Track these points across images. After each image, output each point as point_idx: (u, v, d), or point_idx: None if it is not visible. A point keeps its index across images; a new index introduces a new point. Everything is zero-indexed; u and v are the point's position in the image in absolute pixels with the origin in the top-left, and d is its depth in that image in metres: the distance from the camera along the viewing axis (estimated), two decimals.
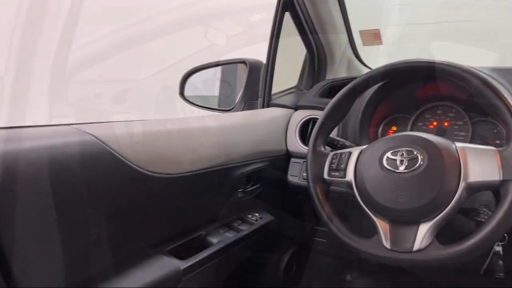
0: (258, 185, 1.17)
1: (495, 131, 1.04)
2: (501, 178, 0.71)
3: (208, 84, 1.65)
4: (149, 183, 0.80)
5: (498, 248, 0.87)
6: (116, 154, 0.73)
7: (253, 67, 1.34)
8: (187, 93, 1.39)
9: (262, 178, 1.18)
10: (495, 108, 0.75)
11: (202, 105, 1.41)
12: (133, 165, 0.76)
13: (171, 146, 0.88)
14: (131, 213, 0.79)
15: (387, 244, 0.76)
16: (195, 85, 1.42)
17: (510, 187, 0.70)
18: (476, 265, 0.91)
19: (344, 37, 1.50)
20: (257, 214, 1.16)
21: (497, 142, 1.03)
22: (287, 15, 1.32)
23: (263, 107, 1.34)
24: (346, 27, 1.48)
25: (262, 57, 1.33)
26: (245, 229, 1.08)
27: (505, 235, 0.82)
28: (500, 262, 0.88)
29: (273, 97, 1.36)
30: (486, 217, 0.78)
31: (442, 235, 0.74)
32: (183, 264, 0.86)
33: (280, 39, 1.30)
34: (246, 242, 1.06)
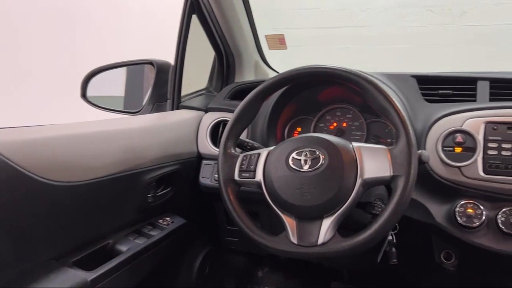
0: (169, 188, 1.16)
1: (386, 130, 1.16)
2: (392, 173, 0.79)
3: (113, 85, 1.58)
4: (48, 192, 0.75)
5: (391, 237, 0.97)
6: (10, 162, 0.68)
7: (161, 68, 1.32)
8: (90, 94, 1.32)
9: (173, 182, 1.17)
10: (385, 111, 0.83)
11: (106, 107, 1.35)
12: (30, 174, 0.71)
13: (73, 153, 0.83)
14: (30, 224, 0.73)
15: (294, 240, 0.81)
16: (98, 86, 1.36)
17: (399, 181, 0.78)
18: (374, 253, 1.00)
19: (251, 41, 1.54)
20: (168, 219, 1.15)
21: (389, 140, 1.14)
22: (195, 18, 1.32)
23: (172, 109, 1.32)
24: (252, 31, 1.52)
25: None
26: (156, 234, 1.06)
27: (396, 224, 0.92)
28: (393, 249, 0.98)
29: (182, 99, 1.35)
30: (380, 209, 0.86)
31: (343, 228, 0.80)
32: (90, 275, 0.82)
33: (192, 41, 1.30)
34: (158, 248, 1.05)
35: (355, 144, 0.85)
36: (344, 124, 1.20)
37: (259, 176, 0.87)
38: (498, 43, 2.69)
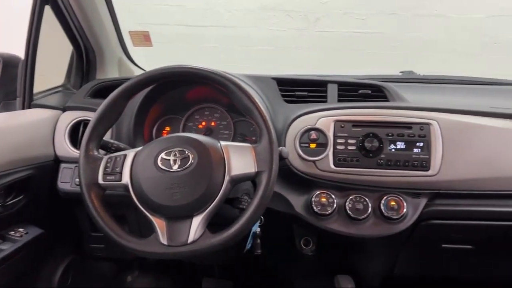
0: (21, 196, 1.04)
1: (251, 129, 1.22)
2: (256, 169, 0.84)
3: None
4: None
5: (256, 229, 1.02)
6: None
7: (8, 63, 1.17)
8: None
9: (27, 188, 1.05)
10: (249, 111, 0.88)
11: None
12: None
13: None
14: None
15: (164, 241, 0.80)
16: None
17: (263, 176, 0.83)
18: (240, 246, 1.04)
19: (113, 36, 1.47)
20: (22, 230, 1.03)
21: (254, 138, 1.21)
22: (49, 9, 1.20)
23: (23, 108, 1.19)
24: (115, 26, 1.45)
25: None
26: (6, 248, 0.95)
27: (262, 217, 0.98)
28: (258, 241, 1.04)
29: (35, 97, 1.23)
30: (246, 204, 0.91)
31: (213, 224, 0.83)
32: None
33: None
34: (10, 262, 0.94)
35: (223, 143, 0.88)
36: (213, 123, 1.23)
37: (125, 179, 0.84)
38: (347, 49, 3.02)
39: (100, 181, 0.86)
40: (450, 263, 1.26)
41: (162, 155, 0.84)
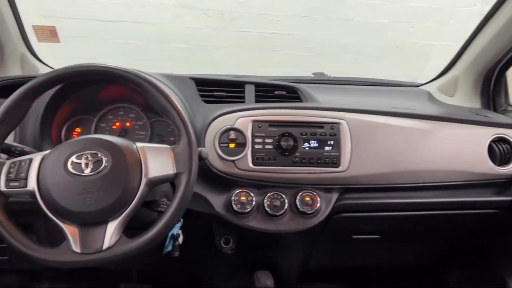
0: None
1: (169, 129, 1.20)
2: (175, 171, 0.83)
3: None
4: None
5: (175, 231, 1.01)
6: None
7: None
8: None
9: None
10: (167, 111, 0.87)
11: None
12: None
13: None
14: None
15: (76, 249, 0.76)
16: None
17: (182, 178, 0.83)
18: (158, 249, 1.02)
19: (15, 31, 1.34)
20: None
21: (172, 139, 1.19)
22: None
23: None
24: (16, 19, 1.33)
25: None
26: None
27: (181, 219, 0.97)
28: (177, 243, 1.03)
29: None
30: (165, 206, 0.89)
31: (130, 228, 0.80)
32: None
33: None
34: None
35: (139, 144, 0.86)
36: (128, 124, 1.19)
37: (32, 185, 0.79)
38: (263, 49, 3.09)
39: (2, 188, 0.79)
40: (360, 253, 1.36)
41: (73, 158, 0.80)
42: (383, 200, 1.14)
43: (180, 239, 1.05)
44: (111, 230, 0.77)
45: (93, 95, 1.15)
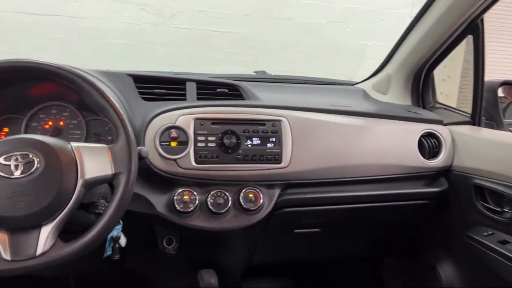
0: None
1: (107, 128, 1.15)
2: (113, 171, 0.81)
3: None
4: None
5: (114, 233, 0.98)
6: None
7: None
8: None
9: None
10: (103, 109, 0.83)
11: None
12: None
13: None
14: None
15: (6, 256, 0.72)
16: None
17: (121, 178, 0.80)
18: (97, 253, 0.98)
19: None
20: None
21: (109, 138, 1.15)
22: None
23: None
24: None
25: None
26: None
27: (120, 221, 0.94)
28: (117, 245, 1.00)
29: None
30: (103, 208, 0.86)
31: (66, 232, 0.77)
32: None
33: None
34: None
35: (74, 144, 0.82)
36: (62, 123, 1.13)
37: None
38: (205, 46, 3.07)
39: None
40: (302, 246, 1.39)
41: (1, 160, 0.74)
42: (323, 194, 1.18)
43: (123, 242, 1.02)
44: (45, 235, 0.73)
45: (22, 93, 1.08)
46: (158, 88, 1.17)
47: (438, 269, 1.34)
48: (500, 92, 1.38)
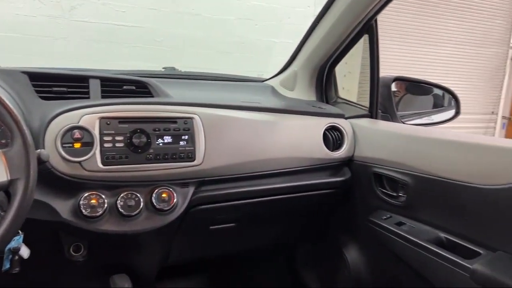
0: None
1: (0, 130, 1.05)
2: (9, 178, 0.74)
3: None
4: None
5: (12, 245, 0.90)
6: None
7: None
8: None
9: None
10: None
11: None
12: None
13: None
14: None
15: None
16: None
17: (18, 184, 0.74)
18: None
19: None
20: None
21: (3, 141, 1.04)
22: None
23: None
24: None
25: None
26: None
27: (20, 231, 0.86)
28: (16, 257, 0.92)
29: None
30: None
31: None
32: None
33: None
34: None
35: None
36: None
37: None
38: (109, 41, 2.93)
39: None
40: (218, 242, 1.40)
41: None
42: (237, 190, 1.20)
43: (25, 253, 0.93)
44: None
45: None
46: (58, 86, 1.09)
47: (345, 253, 1.43)
48: (393, 87, 1.51)
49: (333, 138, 1.35)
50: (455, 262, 0.99)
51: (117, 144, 1.03)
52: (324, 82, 1.59)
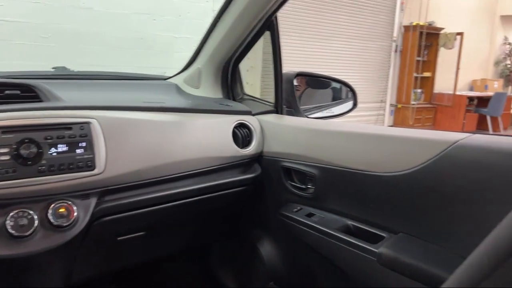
0: None
1: None
2: None
3: None
4: None
5: None
6: None
7: None
8: None
9: None
10: None
11: None
12: None
13: None
14: None
15: None
16: None
17: None
18: None
19: None
20: None
21: None
22: None
23: None
24: None
25: None
26: None
27: None
28: None
29: None
30: None
31: None
32: None
33: None
34: None
35: None
36: None
37: None
38: None
39: None
40: (127, 253, 1.32)
41: None
42: (144, 196, 1.14)
43: None
44: None
45: None
46: None
47: (259, 248, 1.44)
48: (295, 82, 1.56)
49: (242, 135, 1.35)
50: (363, 247, 1.05)
51: (2, 158, 0.90)
52: (229, 79, 1.58)
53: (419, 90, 8.71)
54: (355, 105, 1.64)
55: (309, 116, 1.56)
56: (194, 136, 1.23)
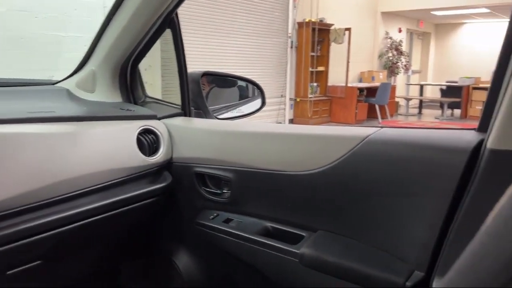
0: None
1: None
2: None
3: None
4: None
5: None
6: None
7: None
8: None
9: None
10: None
11: None
12: None
13: None
14: None
15: None
16: None
17: None
18: None
19: None
20: None
21: None
22: None
23: None
24: None
25: None
26: None
27: None
28: None
29: None
30: None
31: None
32: None
33: None
34: None
35: None
36: None
37: None
38: None
39: None
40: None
41: None
42: (37, 222, 0.98)
43: None
44: None
45: None
46: None
47: (175, 261, 1.35)
48: (202, 82, 1.48)
49: (148, 142, 1.23)
50: (283, 249, 1.02)
51: None
52: (128, 80, 1.44)
53: (315, 84, 9.19)
54: (263, 103, 1.62)
55: (218, 116, 1.50)
56: (92, 147, 1.09)
